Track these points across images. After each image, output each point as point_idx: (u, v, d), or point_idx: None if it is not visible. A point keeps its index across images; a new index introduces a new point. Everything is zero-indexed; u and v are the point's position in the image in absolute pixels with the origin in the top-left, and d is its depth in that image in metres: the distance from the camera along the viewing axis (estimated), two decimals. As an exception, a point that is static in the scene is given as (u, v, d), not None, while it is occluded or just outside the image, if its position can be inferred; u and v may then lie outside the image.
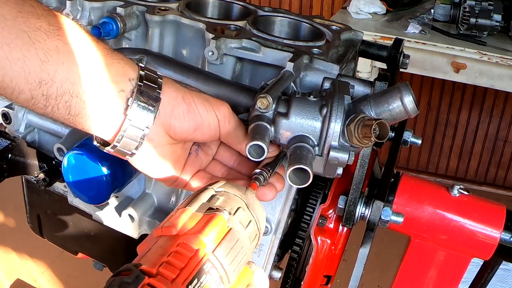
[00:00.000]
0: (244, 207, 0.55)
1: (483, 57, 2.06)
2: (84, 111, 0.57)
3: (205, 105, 0.63)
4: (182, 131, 0.63)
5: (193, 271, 0.46)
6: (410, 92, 0.61)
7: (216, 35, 0.75)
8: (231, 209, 0.54)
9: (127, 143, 0.60)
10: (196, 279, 0.46)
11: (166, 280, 0.44)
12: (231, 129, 0.65)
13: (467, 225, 0.78)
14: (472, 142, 2.99)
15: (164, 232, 0.50)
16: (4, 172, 0.92)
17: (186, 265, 0.46)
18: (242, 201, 0.56)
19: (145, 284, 0.43)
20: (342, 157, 0.60)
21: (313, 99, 0.63)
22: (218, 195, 0.55)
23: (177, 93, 0.62)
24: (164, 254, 0.47)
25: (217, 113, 0.64)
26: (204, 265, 0.48)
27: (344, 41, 0.83)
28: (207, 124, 0.64)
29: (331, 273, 0.81)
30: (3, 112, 0.96)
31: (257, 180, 0.62)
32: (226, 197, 0.55)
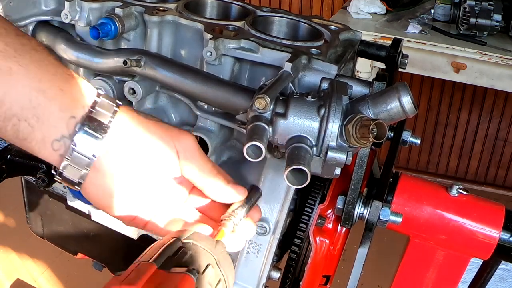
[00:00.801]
0: (213, 264, 0.51)
1: (483, 57, 2.06)
2: (31, 135, 0.56)
3: (162, 136, 0.60)
4: (135, 163, 0.59)
5: None
6: (408, 92, 0.61)
7: (215, 36, 0.75)
8: (199, 267, 0.49)
9: (72, 171, 0.57)
10: None
11: None
12: (195, 161, 0.61)
13: (466, 225, 0.78)
14: (472, 142, 2.99)
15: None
16: (3, 172, 0.92)
17: None
18: (212, 257, 0.51)
19: None
20: (340, 157, 0.60)
21: (311, 99, 0.63)
22: (186, 249, 0.50)
23: (131, 121, 0.59)
24: None
25: (177, 143, 0.60)
26: None
27: (342, 41, 0.83)
28: (161, 156, 0.60)
29: (330, 273, 0.81)
30: (2, 113, 0.96)
31: (225, 227, 0.58)
32: (194, 251, 0.50)
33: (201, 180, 0.62)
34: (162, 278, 0.45)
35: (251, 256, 0.78)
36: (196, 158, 0.61)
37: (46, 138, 0.56)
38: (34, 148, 0.57)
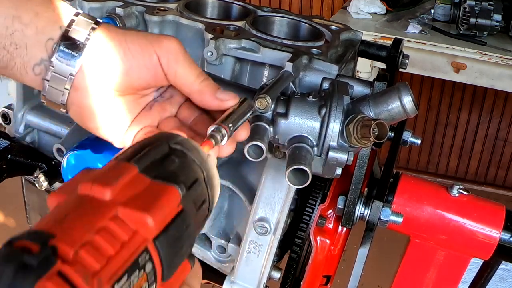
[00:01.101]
0: (201, 180, 0.43)
1: (483, 57, 2.06)
2: (11, 63, 0.56)
3: (141, 43, 0.56)
4: (113, 76, 0.56)
5: (125, 263, 0.33)
6: (409, 92, 0.61)
7: (215, 35, 0.75)
8: (186, 181, 0.41)
9: (54, 92, 0.56)
10: (126, 275, 0.33)
11: (86, 271, 0.31)
12: (179, 68, 0.56)
13: (466, 225, 0.78)
14: (472, 142, 2.99)
15: (94, 191, 0.36)
16: (3, 172, 0.92)
17: (117, 252, 0.33)
18: (201, 172, 0.43)
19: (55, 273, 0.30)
20: (341, 157, 0.60)
21: (312, 99, 0.63)
22: (173, 156, 0.42)
23: (108, 37, 0.56)
24: (89, 229, 0.33)
25: (157, 49, 0.56)
26: (140, 256, 0.35)
27: (343, 41, 0.83)
28: (141, 64, 0.56)
29: (330, 273, 0.81)
30: (2, 113, 0.96)
31: (213, 138, 0.51)
32: (183, 160, 0.43)
33: (187, 86, 0.57)
34: (143, 184, 0.38)
35: (251, 256, 0.78)
36: (181, 63, 0.56)
37: (26, 63, 0.56)
38: (16, 74, 0.57)
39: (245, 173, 0.81)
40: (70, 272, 0.31)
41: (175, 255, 0.38)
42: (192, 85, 0.57)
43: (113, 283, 0.32)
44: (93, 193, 0.36)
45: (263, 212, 0.76)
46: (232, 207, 0.84)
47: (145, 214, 0.35)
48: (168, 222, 0.37)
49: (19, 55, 0.56)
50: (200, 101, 0.58)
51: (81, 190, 0.36)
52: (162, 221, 0.37)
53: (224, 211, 0.84)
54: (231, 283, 0.80)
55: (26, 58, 0.56)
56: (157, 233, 0.36)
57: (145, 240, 0.35)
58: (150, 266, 0.35)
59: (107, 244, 0.33)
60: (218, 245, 0.83)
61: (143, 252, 0.35)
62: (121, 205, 0.36)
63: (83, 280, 0.31)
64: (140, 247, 0.35)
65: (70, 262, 0.31)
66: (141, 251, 0.35)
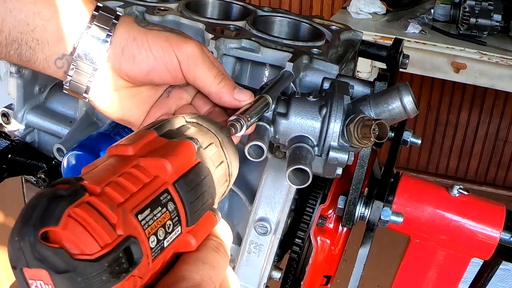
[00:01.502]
0: (217, 144, 0.47)
1: (483, 57, 2.06)
2: (34, 57, 0.58)
3: (162, 45, 0.58)
4: (134, 75, 0.59)
5: (147, 199, 0.37)
6: (410, 92, 0.61)
7: (216, 35, 0.75)
8: (202, 142, 0.45)
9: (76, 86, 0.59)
10: (149, 209, 0.37)
11: (112, 202, 0.35)
12: (198, 70, 0.59)
13: (466, 225, 0.78)
14: (472, 142, 2.99)
15: (118, 150, 0.41)
16: (3, 172, 0.92)
17: (139, 190, 0.37)
18: (216, 138, 0.47)
19: (84, 202, 0.34)
20: (342, 157, 0.60)
21: (313, 99, 0.63)
22: (189, 125, 0.47)
23: (128, 33, 0.58)
24: (113, 173, 0.37)
25: (178, 53, 0.58)
26: (161, 194, 0.38)
27: (343, 41, 0.83)
28: (162, 67, 0.59)
29: (331, 273, 0.81)
30: (2, 112, 0.96)
31: (233, 127, 0.55)
32: (198, 129, 0.47)
33: (206, 88, 0.60)
34: (161, 143, 0.42)
35: (252, 256, 0.78)
36: (199, 66, 0.59)
37: (48, 58, 0.58)
38: (39, 67, 0.59)
39: (246, 173, 0.81)
40: (97, 201, 0.34)
41: (196, 202, 0.41)
42: (210, 86, 0.60)
43: (136, 212, 0.36)
44: (118, 152, 0.40)
45: (264, 212, 0.76)
46: (232, 207, 0.84)
47: (164, 160, 0.39)
48: (187, 170, 0.41)
49: (41, 50, 0.57)
50: (218, 102, 0.61)
51: (108, 153, 0.41)
52: (180, 168, 0.41)
53: (224, 211, 0.84)
54: (231, 283, 0.80)
55: (48, 53, 0.58)
56: (176, 178, 0.40)
57: (166, 183, 0.39)
58: (173, 206, 0.39)
59: (129, 183, 0.37)
60: (219, 245, 0.83)
61: (164, 192, 0.38)
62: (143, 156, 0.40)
63: (109, 208, 0.34)
64: (161, 188, 0.38)
65: (97, 195, 0.35)
66: (162, 191, 0.38)
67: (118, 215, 0.34)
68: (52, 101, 0.98)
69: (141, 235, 0.36)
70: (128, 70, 0.59)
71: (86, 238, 0.33)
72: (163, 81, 0.61)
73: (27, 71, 0.93)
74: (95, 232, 0.33)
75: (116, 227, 0.34)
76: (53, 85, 0.98)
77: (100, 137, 0.83)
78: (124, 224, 0.34)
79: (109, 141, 0.82)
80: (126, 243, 0.34)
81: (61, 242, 0.32)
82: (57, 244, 0.32)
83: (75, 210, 0.33)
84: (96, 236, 0.33)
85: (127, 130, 0.85)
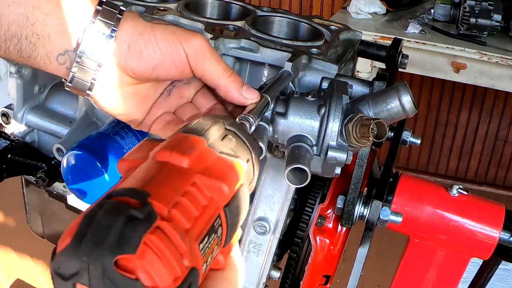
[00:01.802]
0: (250, 161, 0.46)
1: (483, 57, 2.06)
2: (34, 53, 0.56)
3: (169, 39, 0.57)
4: (141, 71, 0.58)
5: (207, 225, 0.36)
6: (408, 92, 0.61)
7: (215, 35, 0.75)
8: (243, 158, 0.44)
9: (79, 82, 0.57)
10: (207, 236, 0.36)
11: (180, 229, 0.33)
12: (206, 64, 0.58)
13: (466, 225, 0.78)
14: (472, 142, 2.99)
15: (173, 159, 0.38)
16: (3, 172, 0.92)
17: (200, 214, 0.36)
18: (250, 153, 0.46)
19: (157, 227, 0.32)
20: (340, 156, 0.60)
21: (311, 99, 0.63)
22: (230, 136, 0.45)
23: (134, 29, 0.57)
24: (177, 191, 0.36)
25: (186, 47, 0.57)
26: (215, 220, 0.37)
27: (343, 41, 0.83)
28: (169, 61, 0.57)
29: (330, 273, 0.81)
30: (2, 112, 0.96)
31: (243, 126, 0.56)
32: (238, 141, 0.46)
33: (214, 81, 0.60)
34: (212, 157, 0.41)
35: (251, 256, 0.78)
36: (208, 59, 0.58)
37: (50, 53, 0.56)
38: (40, 64, 0.57)
39: (245, 173, 0.81)
40: (168, 228, 0.33)
41: (235, 224, 0.41)
42: (219, 80, 0.59)
43: (199, 242, 0.35)
44: (172, 161, 0.38)
45: (263, 212, 0.76)
46: (231, 207, 0.84)
47: (222, 183, 0.39)
48: (234, 193, 0.40)
49: (42, 45, 0.55)
50: (225, 96, 0.61)
51: (159, 157, 0.38)
52: (232, 190, 0.40)
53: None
54: (230, 283, 0.80)
55: (50, 48, 0.56)
56: (227, 202, 0.39)
57: (219, 207, 0.38)
58: (220, 231, 0.38)
59: (192, 207, 0.35)
60: (218, 244, 0.83)
61: (217, 217, 0.38)
62: (199, 173, 0.38)
63: (179, 236, 0.33)
64: (216, 213, 0.38)
65: (166, 219, 0.33)
66: (216, 216, 0.38)
67: (186, 244, 0.33)
68: (51, 101, 0.98)
69: (200, 265, 0.35)
70: (134, 66, 0.57)
71: (161, 271, 0.31)
72: (169, 77, 0.60)
73: (27, 71, 0.93)
74: (169, 264, 0.32)
75: (183, 257, 0.33)
76: (53, 85, 0.98)
77: (100, 137, 0.83)
78: (190, 255, 0.33)
79: (108, 141, 0.83)
80: (191, 275, 0.33)
81: (136, 272, 0.31)
82: (131, 273, 0.30)
83: (151, 238, 0.31)
84: (170, 268, 0.32)
85: (126, 130, 0.85)
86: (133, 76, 0.58)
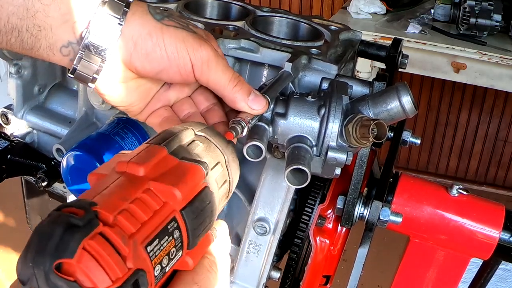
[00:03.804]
0: (223, 163, 0.48)
1: (483, 57, 2.06)
2: (37, 45, 0.54)
3: (178, 46, 0.56)
4: (145, 72, 0.57)
5: (157, 229, 0.38)
6: (408, 92, 0.61)
7: (215, 36, 0.74)
8: (209, 162, 0.46)
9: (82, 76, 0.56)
10: (157, 239, 0.38)
11: (124, 233, 0.36)
12: (211, 74, 0.58)
13: (466, 225, 0.78)
14: (472, 142, 2.99)
15: (129, 169, 0.41)
16: (3, 172, 0.92)
17: (149, 219, 0.38)
18: (222, 156, 0.48)
19: (98, 233, 0.35)
20: (340, 157, 0.60)
21: (311, 99, 0.63)
22: (198, 141, 0.47)
23: (142, 26, 0.55)
24: (125, 199, 0.38)
25: (192, 57, 0.56)
26: (169, 223, 0.39)
27: (342, 41, 0.83)
28: (175, 68, 0.56)
29: (330, 273, 0.81)
30: (2, 113, 0.96)
31: (234, 130, 0.56)
32: (206, 145, 0.48)
33: (220, 91, 0.59)
34: (171, 163, 0.43)
35: (251, 256, 0.78)
36: (213, 70, 0.57)
37: (53, 45, 0.55)
38: (43, 55, 0.56)
39: (245, 173, 0.81)
40: (110, 233, 0.35)
41: (198, 226, 0.43)
42: (224, 90, 0.59)
43: (146, 244, 0.37)
44: (129, 170, 0.41)
45: (263, 212, 0.76)
46: (231, 207, 0.84)
47: (174, 188, 0.40)
48: (194, 196, 0.42)
49: (44, 37, 0.54)
50: (232, 106, 0.61)
51: (118, 168, 0.41)
52: (188, 194, 0.42)
53: (224, 211, 0.84)
54: (230, 283, 0.80)
55: (52, 40, 0.54)
56: (184, 205, 0.41)
57: (174, 211, 0.40)
58: (178, 233, 0.40)
59: (141, 211, 0.38)
60: (218, 245, 0.83)
61: (171, 220, 0.40)
62: (153, 180, 0.41)
63: (121, 240, 0.35)
64: (169, 216, 0.40)
65: (110, 225, 0.36)
66: (170, 220, 0.39)
67: (129, 248, 0.35)
68: (51, 101, 0.98)
69: (149, 266, 0.37)
70: (139, 65, 0.56)
71: (99, 273, 0.34)
72: (172, 81, 0.60)
73: (27, 71, 0.93)
74: (107, 266, 0.34)
75: (126, 260, 0.35)
76: (52, 85, 0.98)
77: (99, 137, 0.83)
78: (134, 258, 0.36)
79: (108, 141, 0.83)
80: (135, 276, 0.35)
81: (75, 275, 0.33)
82: (70, 276, 0.33)
83: (90, 243, 0.34)
84: (109, 270, 0.34)
85: (126, 131, 0.85)
86: (136, 73, 0.58)
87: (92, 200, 0.37)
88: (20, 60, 0.92)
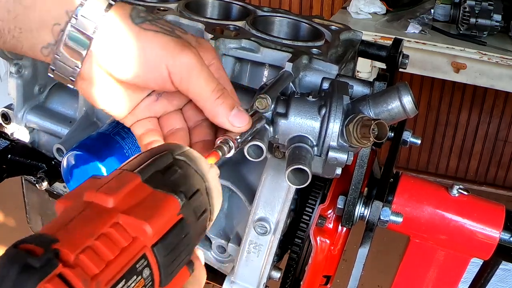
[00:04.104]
0: (203, 191, 0.44)
1: (483, 57, 2.06)
2: (19, 45, 0.54)
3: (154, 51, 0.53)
4: (118, 76, 0.54)
5: (123, 268, 0.35)
6: (409, 92, 0.61)
7: (215, 35, 0.75)
8: (187, 190, 0.42)
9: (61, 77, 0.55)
10: (124, 280, 0.35)
11: (85, 275, 0.33)
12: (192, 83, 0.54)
13: (466, 225, 0.78)
14: (472, 142, 2.99)
15: (97, 199, 0.38)
16: (3, 172, 0.92)
17: (116, 257, 0.35)
18: (203, 183, 0.45)
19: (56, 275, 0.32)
20: (341, 157, 0.60)
21: (312, 99, 0.63)
22: (176, 167, 0.44)
23: (120, 29, 0.53)
24: (90, 235, 0.35)
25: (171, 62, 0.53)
26: (138, 262, 0.36)
27: (343, 41, 0.83)
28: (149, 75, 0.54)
29: (330, 273, 0.81)
30: (2, 113, 0.96)
31: (220, 149, 0.53)
32: (185, 171, 0.44)
33: (201, 102, 0.55)
34: (144, 193, 0.39)
35: (251, 256, 0.78)
36: (194, 80, 0.54)
37: (33, 46, 0.55)
38: (27, 53, 0.56)
39: (245, 173, 0.81)
40: (70, 275, 0.32)
41: (173, 262, 0.39)
42: (205, 102, 0.55)
43: (111, 286, 0.34)
44: (97, 200, 0.38)
45: (263, 212, 0.76)
46: (232, 207, 0.84)
47: (144, 222, 0.37)
48: (167, 230, 0.39)
49: (25, 38, 0.54)
50: (211, 120, 0.56)
51: (86, 197, 0.38)
52: (161, 229, 0.38)
53: (224, 211, 0.84)
54: (231, 283, 0.80)
55: (33, 41, 0.54)
56: (156, 240, 0.38)
57: (144, 247, 0.37)
58: (148, 272, 0.37)
59: (106, 249, 0.35)
60: (218, 245, 0.83)
61: (141, 258, 0.37)
62: (122, 212, 0.37)
63: (82, 283, 0.33)
64: (139, 254, 0.37)
65: (71, 265, 0.33)
66: (139, 258, 0.37)
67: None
68: (52, 101, 0.98)
69: None
70: (113, 70, 0.54)
71: None
72: (149, 88, 0.57)
73: (27, 71, 0.93)
74: None
75: None
76: (53, 85, 0.98)
77: (100, 137, 0.83)
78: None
79: (108, 141, 0.82)
80: None
81: None
82: None
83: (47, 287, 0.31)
84: None
85: (127, 130, 0.85)
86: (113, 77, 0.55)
87: (54, 236, 0.34)
88: (20, 59, 0.92)
